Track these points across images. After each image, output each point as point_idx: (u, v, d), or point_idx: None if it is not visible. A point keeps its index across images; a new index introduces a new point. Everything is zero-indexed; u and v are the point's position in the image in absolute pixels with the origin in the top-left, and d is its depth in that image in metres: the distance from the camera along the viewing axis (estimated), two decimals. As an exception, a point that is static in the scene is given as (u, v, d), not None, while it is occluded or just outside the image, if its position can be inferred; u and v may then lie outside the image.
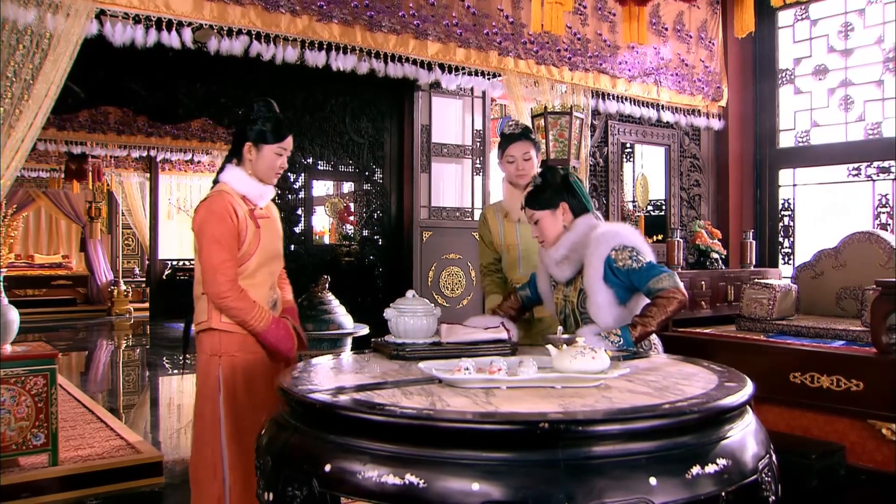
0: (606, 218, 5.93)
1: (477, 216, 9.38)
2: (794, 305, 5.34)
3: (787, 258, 6.71)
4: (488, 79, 5.29)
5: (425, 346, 2.57)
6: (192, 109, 9.09)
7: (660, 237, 6.46)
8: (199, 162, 11.96)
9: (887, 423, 4.29)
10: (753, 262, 6.31)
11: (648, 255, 2.76)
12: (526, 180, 3.33)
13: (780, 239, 6.73)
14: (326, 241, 10.46)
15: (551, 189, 2.86)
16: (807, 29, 6.57)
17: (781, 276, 6.29)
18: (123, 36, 4.08)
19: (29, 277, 13.91)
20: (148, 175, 13.07)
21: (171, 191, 14.08)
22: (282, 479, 1.89)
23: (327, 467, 1.78)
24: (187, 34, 4.21)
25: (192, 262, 12.29)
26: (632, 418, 1.71)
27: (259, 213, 2.88)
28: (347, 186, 10.72)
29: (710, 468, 1.73)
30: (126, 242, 14.97)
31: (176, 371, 9.01)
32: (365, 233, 9.79)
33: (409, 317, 2.58)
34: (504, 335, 2.70)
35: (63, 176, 11.01)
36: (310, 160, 9.75)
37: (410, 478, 1.66)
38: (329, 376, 2.25)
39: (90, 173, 10.21)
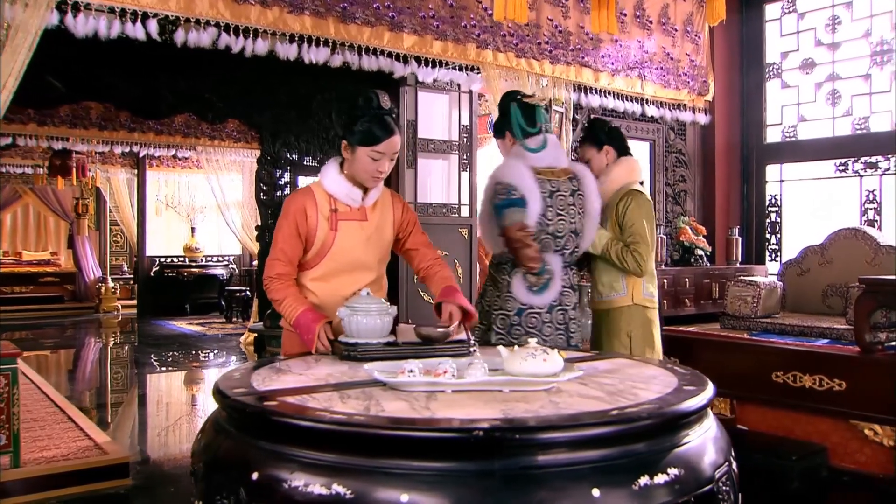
0: (589, 214, 5.82)
1: (464, 212, 9.29)
2: (779, 303, 5.25)
3: (774, 255, 6.61)
4: (467, 73, 5.17)
5: (379, 347, 2.46)
6: (175, 105, 8.96)
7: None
8: (186, 158, 11.84)
9: (870, 424, 4.20)
10: (740, 259, 6.23)
11: None
12: None
13: (767, 235, 6.64)
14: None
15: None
16: (794, 22, 6.46)
17: (768, 273, 6.20)
18: (86, 27, 3.95)
19: (16, 274, 13.80)
20: (136, 171, 12.94)
21: (161, 187, 13.95)
22: (212, 487, 1.80)
23: (255, 475, 1.68)
24: (153, 26, 4.10)
25: (181, 259, 12.23)
26: (574, 426, 1.60)
27: (347, 216, 2.71)
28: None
29: (661, 478, 1.63)
30: (114, 239, 14.85)
31: (164, 369, 8.91)
32: (352, 229, 9.66)
33: (363, 315, 2.47)
34: (462, 335, 2.60)
35: (47, 172, 10.89)
36: (295, 156, 9.65)
37: (337, 488, 1.56)
38: (270, 378, 2.15)
39: (74, 169, 10.07)
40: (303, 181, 10.31)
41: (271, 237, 8.03)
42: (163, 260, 13.66)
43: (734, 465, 1.93)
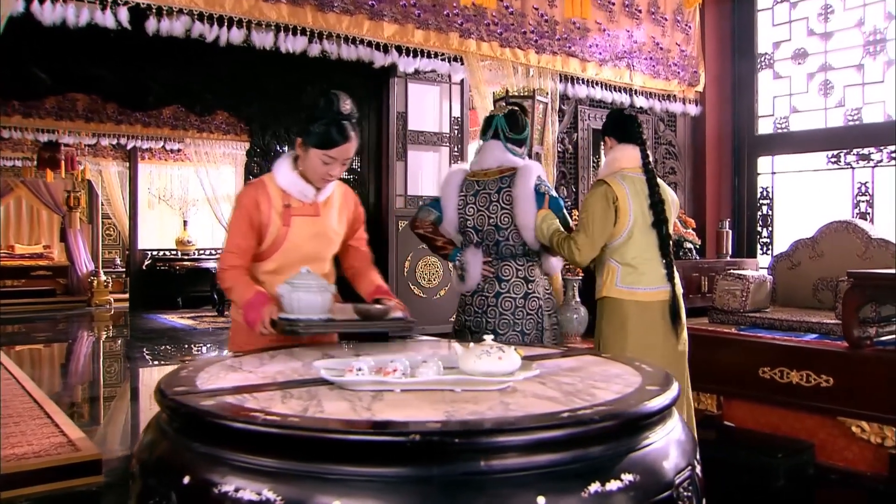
0: (575, 207, 5.73)
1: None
2: (768, 297, 5.16)
3: (765, 248, 6.52)
4: (449, 63, 5.07)
5: (319, 322, 2.41)
6: (163, 96, 8.86)
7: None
8: (178, 151, 11.74)
9: (857, 421, 4.11)
10: (730, 252, 6.13)
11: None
12: None
13: (759, 228, 6.54)
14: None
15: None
16: (786, 11, 6.36)
17: (758, 267, 6.11)
18: (53, 15, 3.86)
19: (8, 268, 13.70)
20: (127, 164, 12.85)
21: (153, 180, 13.84)
22: (145, 490, 1.71)
23: (187, 479, 1.59)
24: (124, 14, 4.01)
25: (173, 253, 12.14)
26: (518, 429, 1.51)
27: (300, 211, 2.70)
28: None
29: (614, 484, 1.54)
30: (107, 232, 14.75)
31: (154, 363, 8.83)
32: (343, 222, 9.56)
33: (304, 292, 2.39)
34: (400, 313, 2.57)
35: (36, 165, 10.80)
36: (285, 148, 9.53)
37: (268, 494, 1.47)
38: (218, 376, 2.06)
39: (63, 162, 9.98)
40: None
41: None
42: (155, 253, 13.56)
43: (698, 468, 1.83)
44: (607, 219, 3.29)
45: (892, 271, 4.34)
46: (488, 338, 1.95)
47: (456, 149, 8.94)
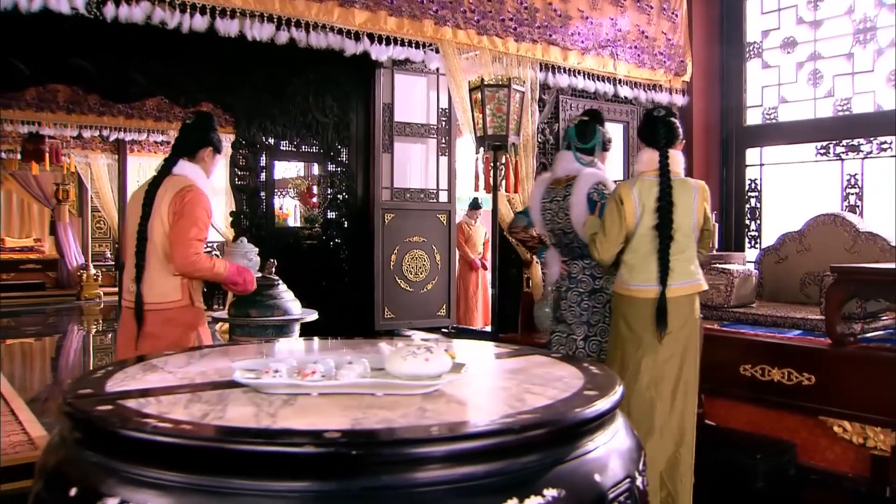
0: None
1: (443, 197, 9.06)
2: (753, 292, 5.03)
3: (753, 241, 6.37)
4: (424, 51, 4.92)
5: None
6: (146, 88, 8.72)
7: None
8: (169, 143, 11.57)
9: (839, 421, 3.98)
10: (717, 246, 5.97)
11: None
12: None
13: (747, 221, 6.39)
14: (290, 223, 10.13)
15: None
16: (775, -1, 6.20)
17: (746, 261, 5.96)
18: (5, 0, 3.73)
19: (-2, 261, 13.59)
20: (116, 156, 12.68)
21: (144, 172, 13.62)
22: (35, 500, 1.59)
23: (74, 491, 1.47)
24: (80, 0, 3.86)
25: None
26: (425, 440, 1.37)
27: None
28: (307, 167, 10.36)
29: (534, 500, 1.41)
30: (97, 225, 14.58)
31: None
32: (331, 215, 9.43)
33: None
34: None
35: (20, 157, 10.65)
36: (271, 140, 9.38)
37: (153, 510, 1.34)
38: (134, 377, 1.93)
39: (47, 154, 9.83)
40: (279, 166, 10.07)
41: (247, 223, 7.56)
42: (144, 247, 13.41)
43: (639, 480, 1.70)
44: (615, 219, 3.45)
45: (877, 265, 4.21)
46: (417, 337, 1.81)
47: (443, 140, 8.80)
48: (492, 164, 4.68)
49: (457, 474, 1.37)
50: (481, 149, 4.68)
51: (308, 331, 7.27)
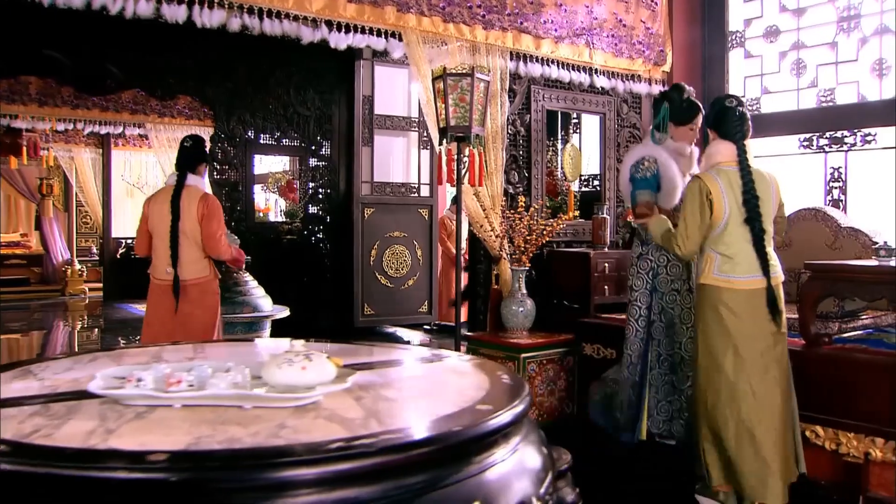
0: (528, 193, 5.40)
1: (424, 192, 8.86)
2: (731, 289, 4.83)
3: (735, 237, 6.16)
4: (386, 39, 4.73)
5: None
6: (122, 80, 8.55)
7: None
8: (157, 138, 11.38)
9: (811, 426, 3.80)
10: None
11: None
12: None
13: (729, 217, 6.18)
14: (272, 218, 9.95)
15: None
16: (759, -14, 5.99)
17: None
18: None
19: (-18, 257, 13.43)
20: (101, 151, 12.51)
21: (130, 167, 13.47)
22: None
23: None
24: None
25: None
26: (257, 465, 1.19)
27: None
28: (293, 161, 10.18)
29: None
30: (83, 220, 14.39)
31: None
32: (312, 209, 9.26)
33: None
34: None
35: (-4, 151, 10.49)
36: (251, 134, 9.22)
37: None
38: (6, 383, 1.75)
39: (25, 148, 9.65)
40: (259, 160, 9.89)
41: (226, 217, 7.58)
42: (129, 242, 13.26)
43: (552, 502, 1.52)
44: (702, 213, 3.46)
45: (851, 262, 4.02)
46: (298, 343, 1.64)
47: (425, 133, 8.59)
48: (455, 157, 4.49)
49: (299, 505, 1.19)
50: (444, 140, 4.49)
51: (283, 328, 7.12)
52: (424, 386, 1.75)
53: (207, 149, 4.66)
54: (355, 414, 1.49)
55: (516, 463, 1.51)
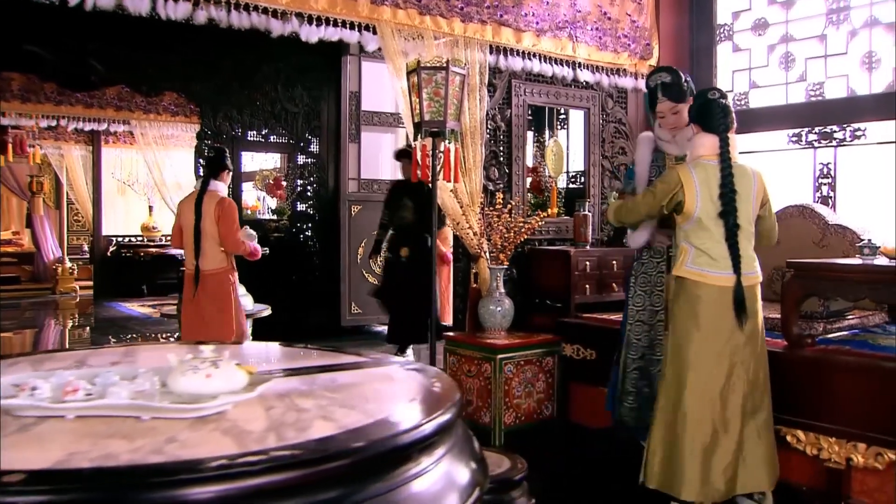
0: (509, 190, 5.28)
1: (414, 189, 8.70)
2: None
3: (723, 235, 6.03)
4: (360, 32, 4.60)
5: None
6: (106, 76, 8.44)
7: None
8: (143, 134, 11.27)
9: (792, 430, 3.68)
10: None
11: None
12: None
13: (717, 213, 6.05)
14: (260, 216, 9.84)
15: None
16: (746, -22, 5.86)
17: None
18: None
19: (-28, 256, 13.33)
20: (91, 148, 12.41)
21: (121, 165, 13.36)
22: None
23: None
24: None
25: (139, 239, 11.72)
26: (132, 484, 1.08)
27: None
28: (281, 158, 10.06)
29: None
30: (75, 218, 14.29)
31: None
32: (301, 207, 9.14)
33: None
34: None
35: (-18, 147, 10.37)
36: (238, 130, 9.09)
37: None
38: None
39: (10, 145, 9.54)
40: (247, 157, 9.78)
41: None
42: (120, 240, 13.16)
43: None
44: (661, 199, 3.45)
45: (834, 260, 3.89)
46: (207, 349, 1.52)
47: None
48: (430, 152, 4.37)
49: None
50: (419, 136, 4.37)
51: (268, 328, 7.01)
52: (348, 395, 1.63)
53: (228, 159, 5.27)
54: (257, 426, 1.37)
55: (441, 477, 1.40)
